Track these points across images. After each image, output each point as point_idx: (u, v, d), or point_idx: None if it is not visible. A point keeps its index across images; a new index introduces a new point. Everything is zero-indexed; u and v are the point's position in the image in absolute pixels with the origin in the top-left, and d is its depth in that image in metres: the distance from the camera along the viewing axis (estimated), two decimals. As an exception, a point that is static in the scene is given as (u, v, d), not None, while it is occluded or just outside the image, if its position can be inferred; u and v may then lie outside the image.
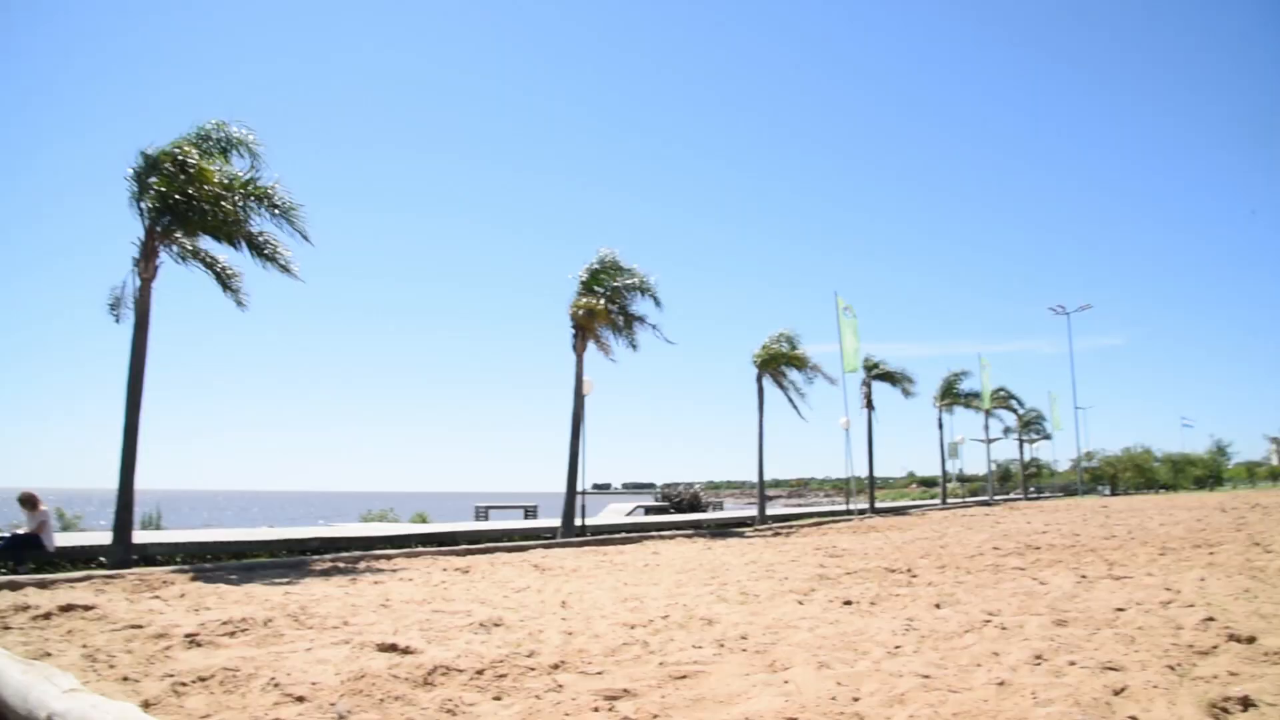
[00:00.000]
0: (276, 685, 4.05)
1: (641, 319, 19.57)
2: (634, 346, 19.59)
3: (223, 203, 10.86)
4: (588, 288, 18.87)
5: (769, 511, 26.80)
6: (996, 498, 46.68)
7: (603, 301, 18.47)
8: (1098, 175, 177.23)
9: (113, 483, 10.66)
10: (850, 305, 28.36)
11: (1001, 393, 46.55)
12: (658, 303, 19.45)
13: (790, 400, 25.54)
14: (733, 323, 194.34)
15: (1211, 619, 5.05)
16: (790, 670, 4.26)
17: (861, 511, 27.88)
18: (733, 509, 36.12)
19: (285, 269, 11.82)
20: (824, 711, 3.49)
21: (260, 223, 11.60)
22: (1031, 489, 59.01)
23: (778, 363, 24.99)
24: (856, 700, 3.66)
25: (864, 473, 31.86)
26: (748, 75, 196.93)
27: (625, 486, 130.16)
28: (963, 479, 63.14)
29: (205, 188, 10.71)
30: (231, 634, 5.52)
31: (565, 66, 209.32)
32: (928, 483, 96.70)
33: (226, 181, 11.04)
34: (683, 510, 30.31)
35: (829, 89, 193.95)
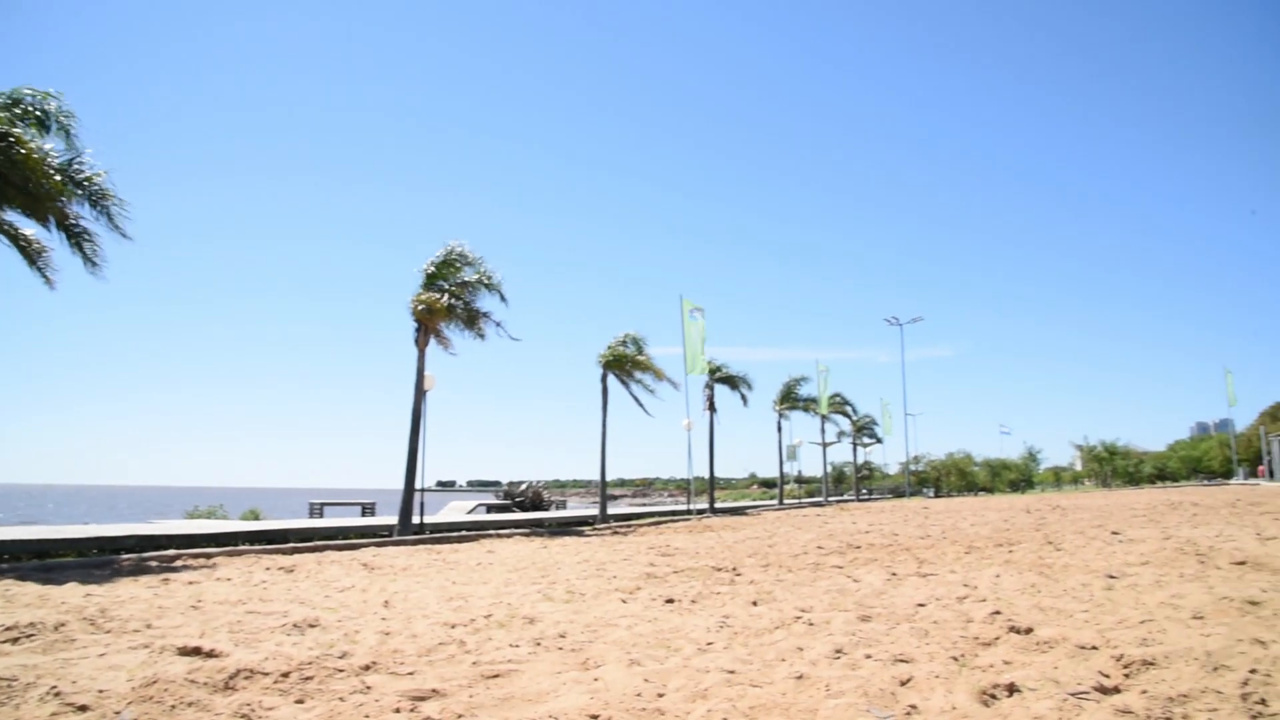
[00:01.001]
0: (58, 694, 3.79)
1: (486, 315, 19.38)
2: (481, 337, 19.39)
3: (39, 176, 10.08)
4: (431, 281, 18.56)
5: (611, 511, 26.99)
6: (830, 499, 48.53)
7: (446, 297, 18.20)
8: (932, 194, 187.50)
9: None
10: (700, 308, 28.83)
11: (837, 398, 48.55)
12: (503, 299, 19.31)
13: (636, 400, 25.87)
14: (581, 321, 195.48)
15: (998, 612, 5.42)
16: (602, 668, 4.31)
17: (701, 511, 28.44)
18: (576, 508, 36.16)
19: (91, 260, 11.12)
20: (627, 708, 3.55)
21: (77, 208, 10.91)
22: (863, 491, 61.65)
23: (623, 364, 25.24)
24: (661, 696, 3.75)
25: (706, 474, 32.58)
26: (593, 72, 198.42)
27: (471, 484, 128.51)
28: (800, 480, 65.29)
29: (20, 153, 9.89)
30: (14, 640, 5.12)
31: (400, 65, 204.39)
32: (768, 484, 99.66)
33: (40, 155, 10.25)
34: (525, 509, 30.15)
35: (678, 88, 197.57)
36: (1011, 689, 3.56)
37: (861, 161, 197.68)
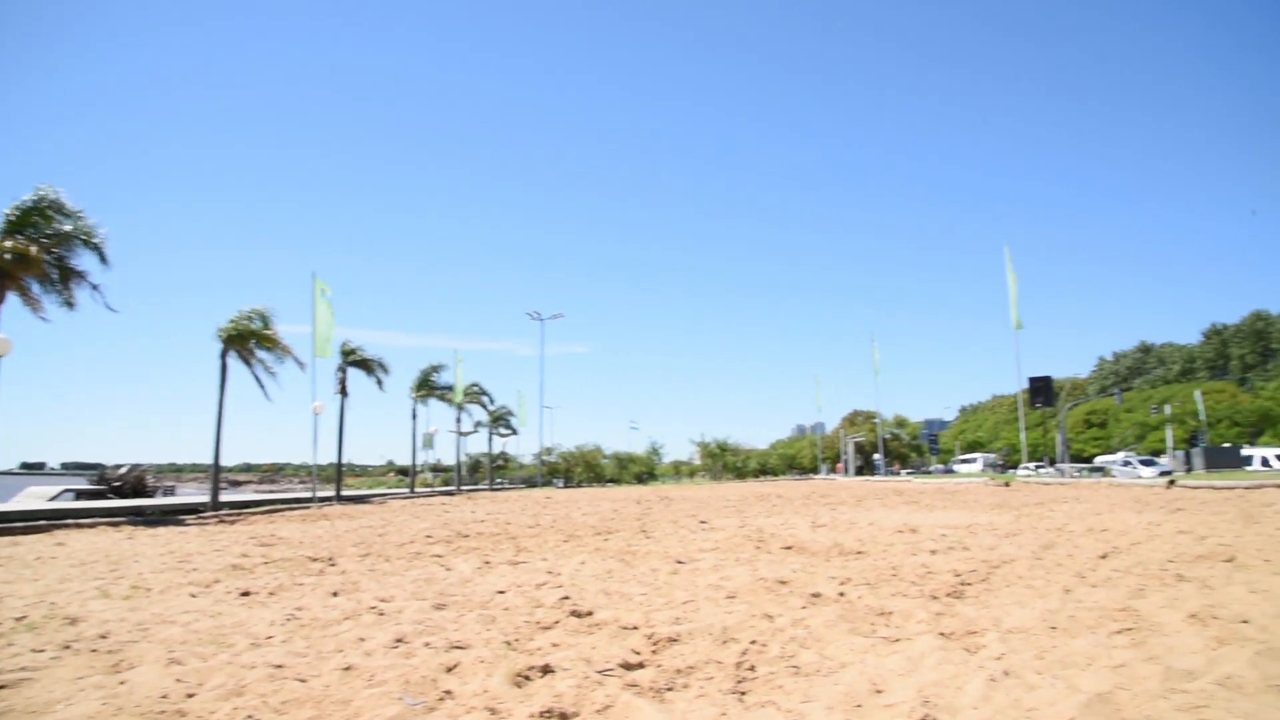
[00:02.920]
0: None
1: (82, 275, 17.21)
2: (70, 305, 17.17)
3: None
4: (14, 229, 16.07)
5: (230, 498, 25.11)
6: (464, 488, 48.74)
7: (35, 248, 15.85)
8: (575, 196, 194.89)
9: None
10: (327, 288, 27.64)
11: (475, 388, 48.92)
12: (104, 259, 17.22)
13: (258, 380, 24.23)
14: (207, 294, 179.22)
15: (567, 598, 5.73)
16: (135, 670, 3.97)
17: (326, 499, 27.36)
18: (190, 494, 33.16)
19: None
20: (145, 712, 3.30)
21: None
22: (498, 480, 62.64)
23: (247, 340, 23.54)
24: (191, 696, 3.52)
25: (335, 459, 31.41)
26: (215, 36, 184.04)
27: (65, 466, 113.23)
28: (437, 469, 65.02)
29: None
30: None
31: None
32: (405, 471, 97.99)
33: None
34: (125, 495, 27.02)
35: (317, 60, 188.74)
36: (546, 670, 3.76)
37: (509, 159, 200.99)
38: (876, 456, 64.89)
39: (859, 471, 68.16)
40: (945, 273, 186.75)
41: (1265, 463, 36.27)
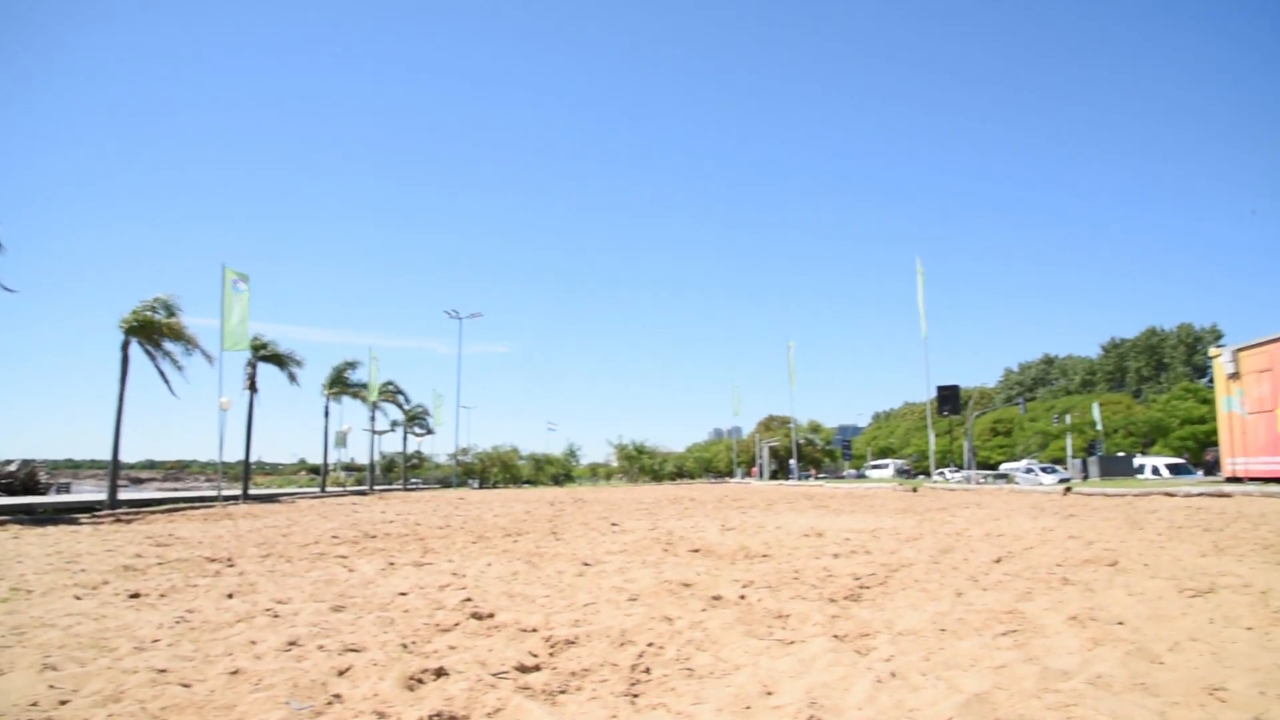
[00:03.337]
0: None
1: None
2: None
3: None
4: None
5: (130, 495, 24.21)
6: (377, 488, 47.93)
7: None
8: (494, 192, 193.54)
9: None
10: (244, 276, 26.84)
11: (391, 386, 48.21)
12: (-2, 242, 16.47)
13: (162, 374, 23.46)
14: (111, 280, 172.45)
15: (470, 599, 5.68)
16: (5, 676, 3.79)
17: (232, 498, 26.61)
18: (87, 492, 31.87)
19: None
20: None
21: None
22: (412, 480, 61.73)
23: (151, 330, 22.76)
24: (65, 703, 3.38)
25: (244, 457, 30.59)
26: (118, 25, 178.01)
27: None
28: (351, 468, 63.87)
29: None
30: None
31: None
32: (317, 470, 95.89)
33: None
34: (14, 492, 25.79)
35: (226, 41, 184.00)
36: (440, 672, 3.73)
37: (429, 157, 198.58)
38: (791, 461, 65.88)
39: (773, 476, 69.16)
40: (862, 281, 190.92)
41: (1156, 471, 37.99)
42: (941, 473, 48.08)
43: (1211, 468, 37.40)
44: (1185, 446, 63.65)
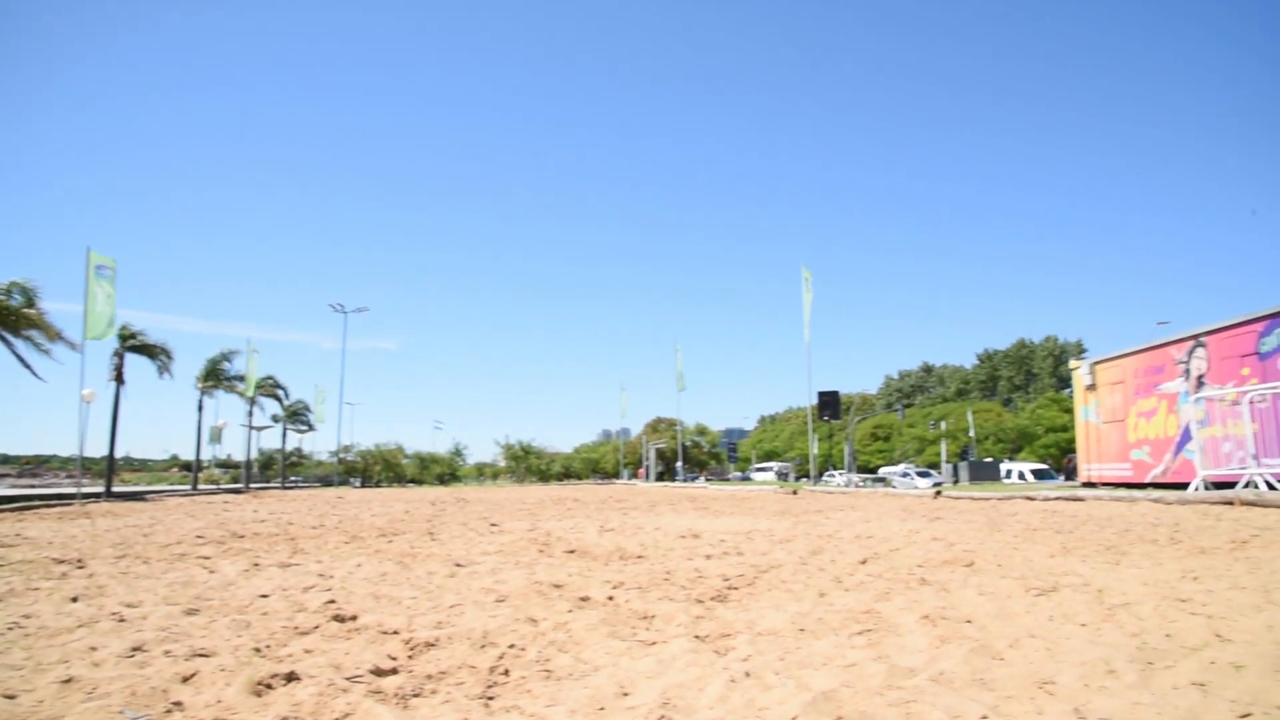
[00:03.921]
0: None
1: None
2: None
3: None
4: None
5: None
6: (254, 485, 46.32)
7: None
8: (381, 187, 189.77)
9: None
10: (111, 264, 25.52)
11: (270, 381, 46.65)
12: None
13: (22, 361, 22.18)
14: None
15: (333, 601, 5.54)
16: None
17: (92, 496, 25.28)
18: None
19: None
20: None
21: None
22: (291, 478, 59.90)
23: (5, 317, 21.47)
24: None
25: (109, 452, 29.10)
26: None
27: None
28: (226, 465, 61.61)
29: None
30: None
31: None
32: (190, 467, 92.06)
33: None
34: None
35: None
36: (291, 677, 3.62)
37: (318, 151, 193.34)
38: (678, 463, 66.57)
39: (660, 477, 69.74)
40: (751, 287, 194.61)
41: (1021, 476, 39.89)
42: (832, 475, 49.35)
43: (1071, 473, 39.54)
44: (1049, 453, 67.25)
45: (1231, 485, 14.72)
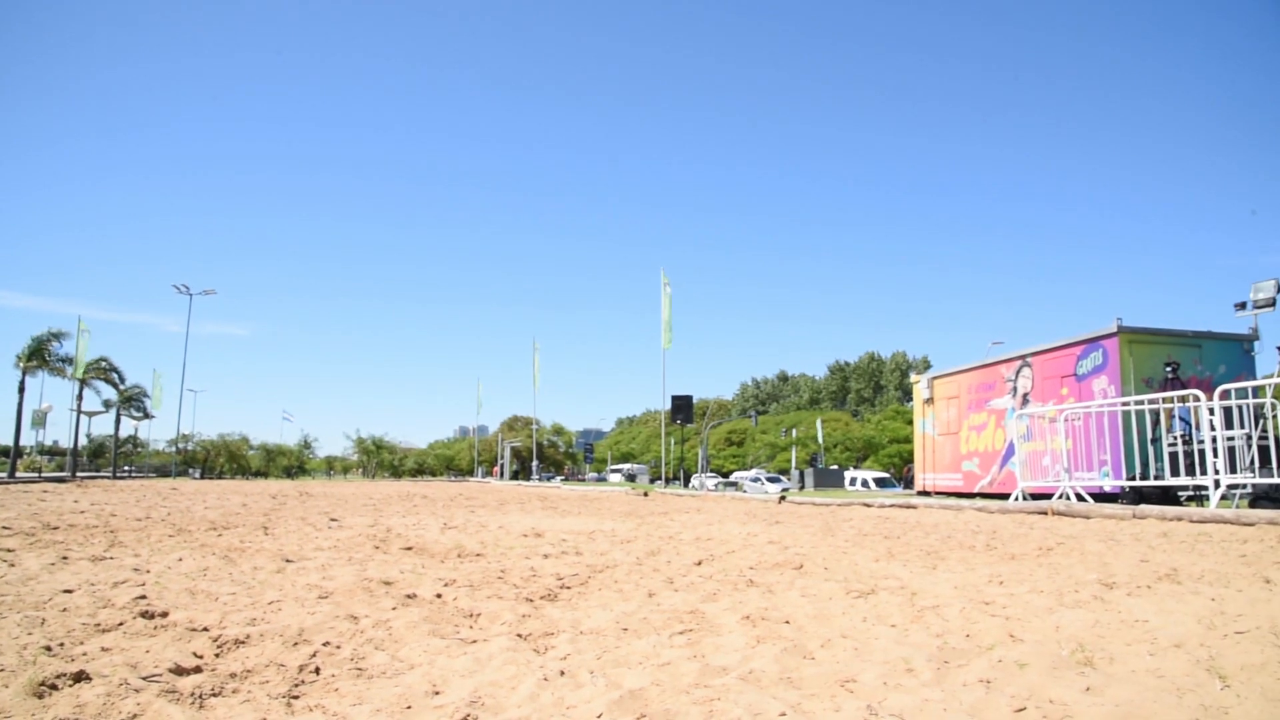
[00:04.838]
0: None
1: None
2: None
3: None
4: None
5: None
6: (82, 475, 43.44)
7: None
8: (236, 170, 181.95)
9: None
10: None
11: (103, 363, 43.87)
12: None
13: None
14: None
15: (143, 597, 5.28)
16: None
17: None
18: None
19: None
20: None
21: None
22: (125, 468, 56.57)
23: None
24: None
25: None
26: None
27: None
28: (52, 452, 57.72)
29: None
30: None
31: None
32: (9, 453, 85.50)
33: None
34: None
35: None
36: (80, 677, 3.44)
37: (171, 128, 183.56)
38: (534, 462, 66.35)
39: (515, 476, 69.32)
40: (611, 288, 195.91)
41: (865, 483, 41.65)
42: (700, 479, 50.16)
43: (910, 482, 41.54)
44: (892, 462, 70.40)
45: (1049, 496, 15.78)
